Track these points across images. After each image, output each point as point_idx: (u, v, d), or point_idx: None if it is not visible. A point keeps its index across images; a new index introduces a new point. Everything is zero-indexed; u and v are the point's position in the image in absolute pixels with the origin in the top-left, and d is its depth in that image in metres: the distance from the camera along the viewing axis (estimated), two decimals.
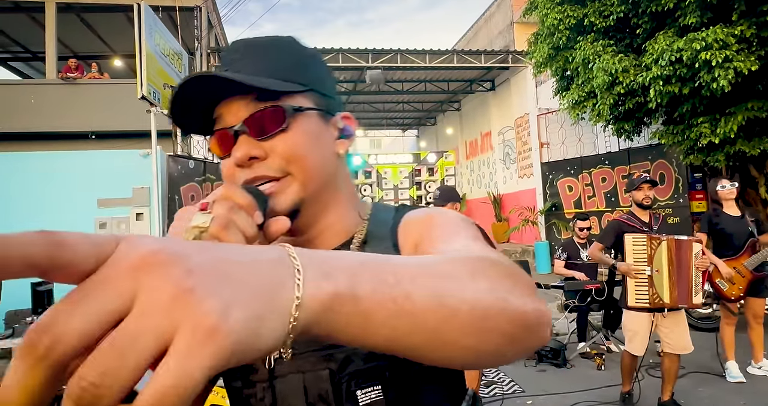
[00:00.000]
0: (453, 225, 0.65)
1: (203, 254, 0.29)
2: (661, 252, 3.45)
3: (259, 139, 0.63)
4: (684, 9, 5.55)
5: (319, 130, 0.67)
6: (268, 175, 0.63)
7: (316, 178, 0.66)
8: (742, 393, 3.95)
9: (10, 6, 11.40)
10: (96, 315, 0.26)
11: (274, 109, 0.63)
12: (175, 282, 0.27)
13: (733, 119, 5.53)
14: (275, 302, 0.30)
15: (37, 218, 6.33)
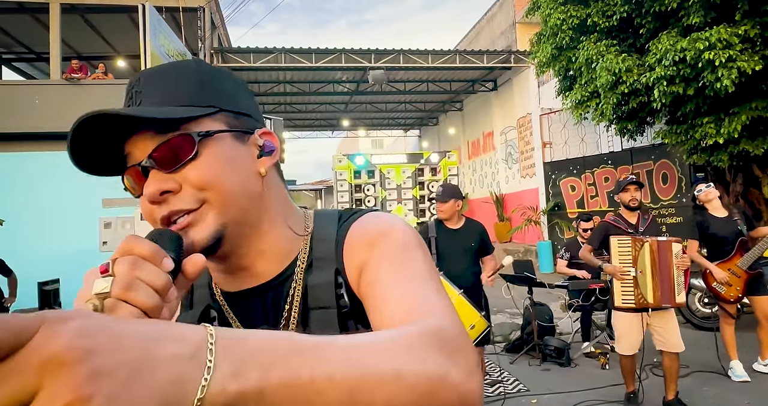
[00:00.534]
0: (399, 258, 0.63)
1: (114, 354, 0.30)
2: (644, 253, 3.51)
3: (168, 172, 0.59)
4: (687, 9, 5.55)
5: (233, 152, 0.63)
6: (183, 208, 0.59)
7: (235, 202, 0.62)
8: (747, 392, 3.95)
9: (14, 7, 11.45)
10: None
11: (180, 137, 0.59)
12: (73, 388, 0.28)
13: (737, 119, 5.54)
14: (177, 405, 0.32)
15: (42, 217, 6.37)
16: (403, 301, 0.57)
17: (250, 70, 12.55)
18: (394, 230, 0.67)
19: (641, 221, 3.76)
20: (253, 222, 0.65)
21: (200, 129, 0.61)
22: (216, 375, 0.34)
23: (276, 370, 0.36)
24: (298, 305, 0.66)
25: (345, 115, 19.08)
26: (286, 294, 0.67)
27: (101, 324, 0.31)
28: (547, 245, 10.43)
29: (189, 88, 0.63)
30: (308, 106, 17.82)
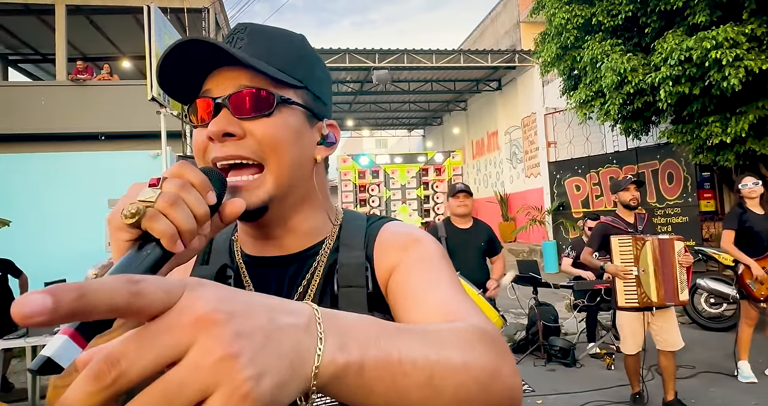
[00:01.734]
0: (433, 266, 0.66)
1: (249, 319, 0.32)
2: (646, 252, 3.51)
3: (239, 118, 0.62)
4: (693, 8, 5.53)
5: (301, 128, 0.66)
6: (240, 155, 0.61)
7: (289, 175, 0.64)
8: (754, 393, 3.93)
9: (20, 8, 11.51)
10: (156, 358, 0.29)
11: (263, 92, 0.62)
12: (223, 345, 0.30)
13: (744, 118, 5.51)
14: (299, 370, 0.34)
15: (48, 218, 6.40)
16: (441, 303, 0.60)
17: None
18: (426, 238, 0.71)
19: (638, 220, 3.77)
20: (295, 200, 0.68)
21: (283, 94, 0.64)
22: (327, 346, 0.36)
23: (372, 348, 0.39)
24: (318, 282, 0.68)
25: (349, 115, 19.09)
26: (306, 270, 0.69)
27: (232, 292, 0.34)
28: (552, 244, 10.40)
29: (288, 56, 0.66)
30: None
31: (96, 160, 6.79)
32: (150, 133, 8.11)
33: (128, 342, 0.29)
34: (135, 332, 0.30)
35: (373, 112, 18.83)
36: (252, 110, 0.62)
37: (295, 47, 0.68)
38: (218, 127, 0.61)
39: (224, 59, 0.61)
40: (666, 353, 3.62)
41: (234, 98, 0.62)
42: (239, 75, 0.62)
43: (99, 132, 10.76)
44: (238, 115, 0.62)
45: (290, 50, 0.67)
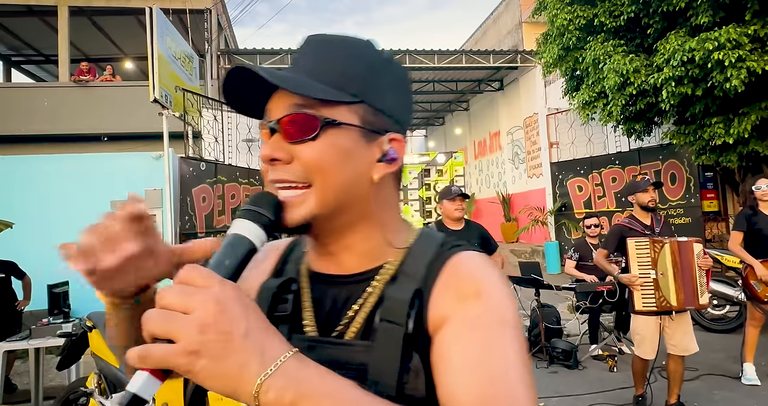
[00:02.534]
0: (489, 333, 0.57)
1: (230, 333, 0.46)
2: (665, 255, 3.42)
3: (289, 142, 0.62)
4: (696, 8, 5.51)
5: (353, 148, 0.63)
6: (286, 179, 0.62)
7: (336, 196, 0.62)
8: (757, 396, 3.92)
9: (22, 10, 11.54)
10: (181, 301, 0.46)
11: (307, 116, 0.60)
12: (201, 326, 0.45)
13: (747, 119, 5.49)
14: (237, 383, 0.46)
15: (50, 219, 6.42)
16: (476, 389, 0.53)
17: None
18: (493, 292, 0.60)
19: (655, 221, 3.68)
20: (351, 219, 0.65)
21: (332, 115, 0.61)
22: (270, 380, 0.45)
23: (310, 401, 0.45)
24: (368, 311, 0.64)
25: None
26: (358, 296, 0.66)
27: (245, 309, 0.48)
28: (554, 245, 10.39)
29: (347, 69, 0.64)
30: None
31: (98, 162, 6.80)
32: (152, 135, 8.13)
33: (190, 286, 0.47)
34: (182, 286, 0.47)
35: None
36: (297, 134, 0.61)
37: (355, 57, 0.65)
38: (266, 153, 0.62)
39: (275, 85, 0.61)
40: (675, 357, 3.56)
41: (282, 123, 0.61)
42: (290, 96, 0.61)
43: (101, 133, 10.79)
44: (288, 139, 0.61)
45: (349, 61, 0.64)
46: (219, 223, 7.72)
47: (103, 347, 3.20)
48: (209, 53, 11.50)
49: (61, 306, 4.53)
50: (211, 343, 0.44)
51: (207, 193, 7.42)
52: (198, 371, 0.44)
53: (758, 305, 4.19)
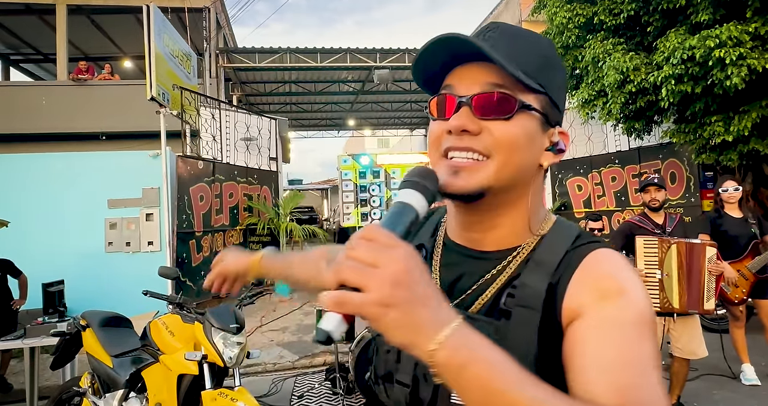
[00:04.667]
0: (629, 333, 0.58)
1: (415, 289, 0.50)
2: (671, 256, 3.34)
3: (479, 117, 0.65)
4: (696, 6, 5.47)
5: (534, 133, 0.68)
6: (473, 147, 0.65)
7: (511, 173, 0.66)
8: (757, 396, 3.89)
9: (20, 8, 11.51)
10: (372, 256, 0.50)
11: (507, 97, 0.65)
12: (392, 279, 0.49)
13: (747, 117, 5.45)
14: (417, 338, 0.50)
15: (47, 218, 6.39)
16: (616, 388, 0.54)
17: (256, 70, 12.56)
18: (636, 294, 0.61)
19: (668, 220, 3.60)
20: (510, 198, 0.70)
21: (524, 99, 0.66)
22: (447, 340, 0.49)
23: (477, 367, 0.49)
24: (494, 290, 0.69)
25: (351, 114, 19.06)
26: (492, 273, 0.70)
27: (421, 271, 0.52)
28: None
29: (535, 59, 0.68)
30: (314, 106, 17.81)
31: (96, 160, 6.76)
32: (150, 133, 8.10)
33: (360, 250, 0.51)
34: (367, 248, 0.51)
35: (375, 111, 18.80)
36: (493, 112, 0.65)
37: (542, 52, 0.69)
38: (459, 123, 0.66)
39: (471, 55, 0.65)
40: (681, 359, 3.51)
41: (478, 99, 0.65)
42: (485, 73, 0.66)
43: (100, 132, 10.76)
44: (479, 114, 0.65)
45: (537, 54, 0.68)
46: (217, 222, 7.69)
47: (97, 347, 3.17)
48: (208, 52, 11.47)
49: (56, 305, 4.49)
50: (402, 298, 0.48)
51: (205, 192, 7.38)
52: (387, 322, 0.49)
53: (729, 307, 4.17)
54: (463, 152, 0.66)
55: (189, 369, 2.71)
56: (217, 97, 10.33)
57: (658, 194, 3.60)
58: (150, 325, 3.06)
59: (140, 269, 6.37)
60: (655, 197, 3.60)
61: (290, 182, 28.97)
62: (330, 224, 26.30)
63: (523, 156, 0.67)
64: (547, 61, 0.69)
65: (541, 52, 0.69)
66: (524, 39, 0.69)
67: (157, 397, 2.80)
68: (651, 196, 3.61)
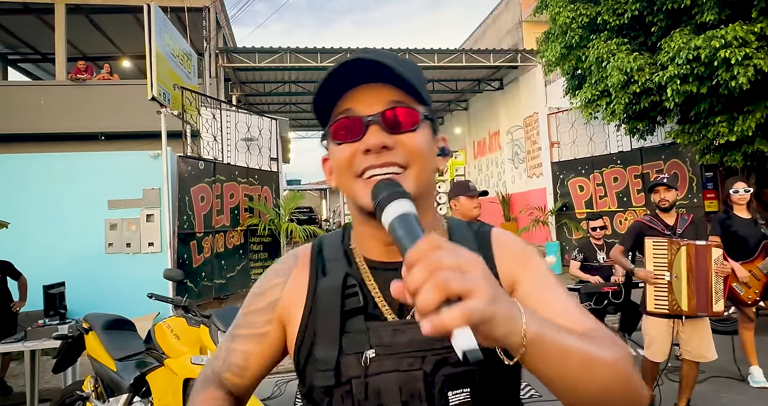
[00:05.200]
0: (551, 281, 0.76)
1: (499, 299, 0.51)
2: (680, 258, 3.27)
3: (391, 132, 0.70)
4: (701, 6, 5.45)
5: (431, 140, 0.75)
6: (394, 161, 0.69)
7: (425, 177, 0.73)
8: (766, 399, 3.86)
9: (19, 8, 11.44)
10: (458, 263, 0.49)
11: (411, 111, 0.71)
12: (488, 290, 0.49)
13: (752, 117, 5.43)
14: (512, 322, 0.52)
15: (46, 219, 6.33)
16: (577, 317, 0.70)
17: (255, 70, 12.51)
18: (535, 254, 0.80)
19: (680, 221, 3.51)
20: (426, 204, 0.76)
21: (421, 111, 0.72)
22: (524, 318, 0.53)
23: (548, 330, 0.55)
24: None
25: None
26: None
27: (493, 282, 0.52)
28: (555, 245, 10.33)
29: (418, 78, 0.74)
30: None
31: (95, 161, 6.71)
32: (150, 133, 8.05)
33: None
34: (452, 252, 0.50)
35: None
36: (404, 126, 0.70)
37: (419, 70, 0.77)
38: (378, 141, 0.69)
39: (366, 77, 0.70)
40: (690, 362, 3.46)
41: (385, 116, 0.70)
42: (384, 92, 0.71)
43: (99, 132, 10.70)
44: (390, 130, 0.70)
45: (417, 73, 0.75)
46: (217, 222, 7.64)
47: (100, 350, 3.12)
48: (207, 52, 11.42)
49: (56, 307, 4.44)
50: (499, 293, 0.51)
51: (205, 193, 7.34)
52: (498, 314, 0.49)
53: (741, 308, 4.14)
54: (384, 168, 0.69)
55: (195, 373, 2.66)
56: (216, 97, 10.28)
57: (667, 194, 3.51)
58: (155, 328, 3.02)
59: (141, 270, 6.31)
60: (665, 197, 3.50)
61: (289, 182, 28.89)
62: (330, 224, 26.24)
63: (430, 162, 0.74)
64: (423, 79, 0.77)
65: (419, 72, 0.77)
66: (403, 61, 0.74)
67: (162, 401, 2.76)
68: (660, 196, 3.52)
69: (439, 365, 0.68)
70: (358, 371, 0.68)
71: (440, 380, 0.68)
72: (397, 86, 0.70)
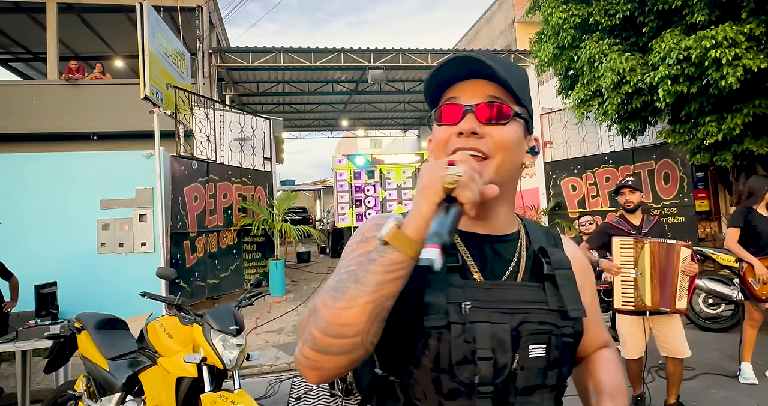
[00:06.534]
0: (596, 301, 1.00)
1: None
2: (644, 255, 3.45)
3: (482, 122, 0.82)
4: (692, 7, 5.49)
5: (521, 137, 0.86)
6: (478, 148, 0.81)
7: (507, 169, 0.83)
8: (755, 395, 3.90)
9: (10, 6, 11.36)
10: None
11: (504, 106, 0.82)
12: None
13: (739, 115, 5.47)
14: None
15: (40, 218, 6.29)
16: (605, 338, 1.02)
17: (249, 70, 12.48)
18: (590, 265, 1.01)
19: (645, 222, 3.70)
20: (505, 191, 0.86)
21: (515, 109, 0.84)
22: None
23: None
24: (525, 262, 0.88)
25: (344, 114, 19.01)
26: (514, 250, 0.89)
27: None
28: None
29: (519, 80, 0.85)
30: (307, 106, 17.75)
31: (88, 160, 6.67)
32: (143, 133, 8.01)
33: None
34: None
35: (368, 112, 18.77)
36: (495, 118, 0.82)
37: (521, 74, 0.88)
38: (470, 126, 0.81)
39: (474, 73, 0.82)
40: (673, 359, 3.55)
41: (481, 107, 0.82)
42: (485, 87, 0.83)
43: (91, 132, 10.63)
44: (482, 120, 0.82)
45: (519, 76, 0.86)
46: (211, 222, 7.63)
47: (93, 349, 3.11)
48: (201, 51, 11.38)
49: (48, 307, 4.42)
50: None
51: (199, 192, 7.32)
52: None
53: (756, 303, 4.17)
54: (470, 152, 0.79)
55: (188, 372, 2.66)
56: (210, 96, 10.25)
57: (632, 196, 3.71)
58: (147, 327, 3.01)
59: (133, 270, 6.29)
60: (630, 199, 3.71)
61: (282, 183, 28.82)
62: (324, 224, 26.21)
63: (514, 154, 0.84)
64: (526, 82, 0.88)
65: (521, 74, 0.88)
66: (508, 64, 0.86)
67: (155, 400, 2.75)
68: (625, 197, 3.72)
69: (522, 322, 0.80)
70: (459, 318, 0.78)
71: (524, 334, 0.80)
72: (500, 85, 0.81)
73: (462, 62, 0.81)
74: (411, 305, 0.78)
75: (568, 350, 0.85)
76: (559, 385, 0.86)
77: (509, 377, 0.79)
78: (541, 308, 0.82)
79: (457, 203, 0.67)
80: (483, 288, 0.81)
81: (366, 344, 0.71)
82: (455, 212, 0.66)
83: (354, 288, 0.70)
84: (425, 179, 0.69)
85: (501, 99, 0.82)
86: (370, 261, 0.70)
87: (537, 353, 0.80)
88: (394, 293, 0.71)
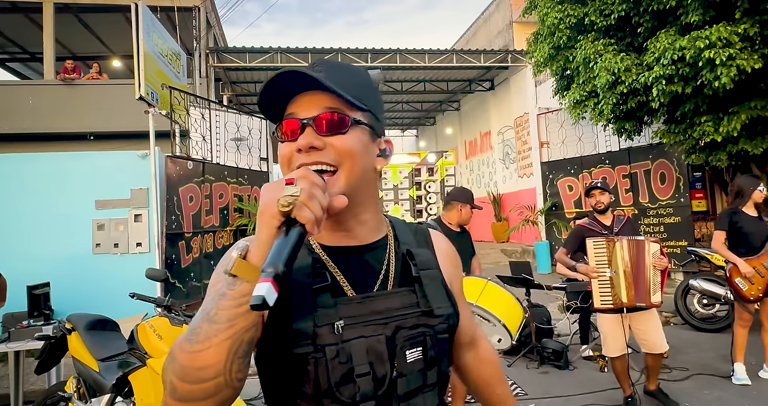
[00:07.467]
0: (462, 291, 1.05)
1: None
2: (617, 253, 3.53)
3: (321, 134, 0.79)
4: (686, 7, 5.49)
5: (366, 142, 0.84)
6: (322, 161, 0.79)
7: (357, 177, 0.81)
8: (747, 396, 3.91)
9: (7, 6, 11.34)
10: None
11: (341, 115, 0.80)
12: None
13: (737, 118, 5.48)
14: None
15: (34, 218, 6.28)
16: (473, 325, 1.08)
17: (246, 70, 12.47)
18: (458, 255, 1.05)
19: (616, 222, 3.82)
20: (363, 199, 0.86)
21: (354, 116, 0.82)
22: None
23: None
24: (394, 267, 0.88)
25: None
26: (383, 257, 0.88)
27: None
28: (545, 245, 10.38)
29: (358, 85, 0.85)
30: None
31: (83, 160, 6.65)
32: (139, 133, 8.01)
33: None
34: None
35: None
36: (333, 129, 0.80)
37: (361, 79, 0.87)
38: (307, 141, 0.79)
39: (309, 85, 0.80)
40: (653, 354, 3.65)
41: (317, 120, 0.80)
42: (321, 99, 0.80)
43: (87, 132, 10.62)
44: (321, 132, 0.79)
45: (359, 81, 0.86)
46: (206, 223, 7.62)
47: (83, 350, 3.11)
48: (198, 51, 11.37)
49: (41, 308, 4.41)
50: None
51: (194, 193, 7.31)
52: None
53: (744, 304, 4.18)
54: (314, 166, 0.78)
55: None
56: (207, 97, 10.24)
57: (602, 197, 3.82)
58: (137, 328, 3.00)
59: (129, 270, 6.27)
60: (600, 200, 3.82)
61: None
62: None
63: (362, 161, 0.82)
64: (367, 86, 0.87)
65: (360, 79, 0.86)
66: (346, 70, 0.85)
67: (145, 401, 2.75)
68: (596, 199, 3.84)
69: (397, 329, 0.81)
70: (333, 339, 0.77)
71: (400, 341, 0.81)
72: (335, 94, 0.78)
73: (293, 76, 0.78)
74: (281, 334, 0.76)
75: (444, 346, 0.87)
76: (440, 380, 0.86)
77: (390, 386, 0.79)
78: (414, 311, 0.83)
79: (297, 223, 0.64)
80: (355, 302, 0.81)
81: (232, 383, 0.67)
82: (296, 233, 0.63)
83: (207, 327, 0.66)
84: (261, 203, 0.67)
85: (338, 109, 0.80)
86: (221, 296, 0.67)
87: (414, 357, 0.82)
88: (250, 325, 0.67)
